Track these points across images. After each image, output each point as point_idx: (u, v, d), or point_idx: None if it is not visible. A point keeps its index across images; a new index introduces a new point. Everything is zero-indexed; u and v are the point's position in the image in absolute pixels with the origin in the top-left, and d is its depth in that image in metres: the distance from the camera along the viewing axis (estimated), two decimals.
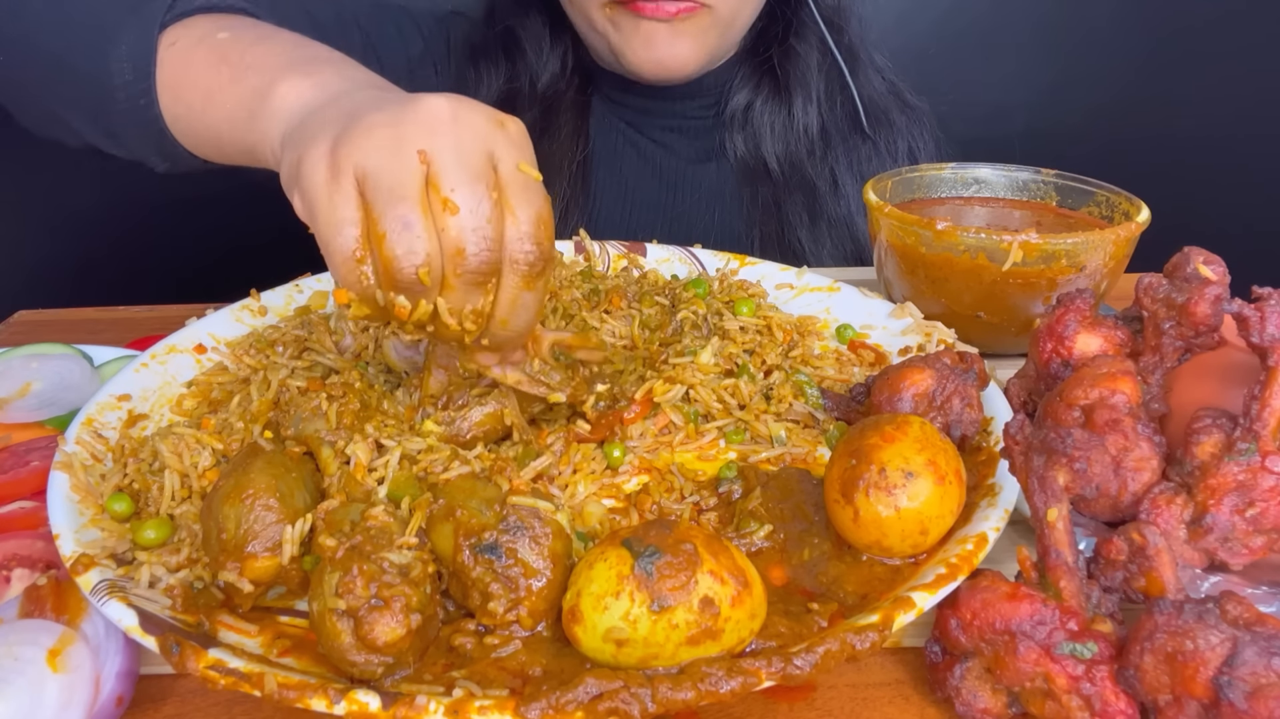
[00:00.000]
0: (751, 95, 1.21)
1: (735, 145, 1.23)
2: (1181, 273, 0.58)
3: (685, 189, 1.25)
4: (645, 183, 1.25)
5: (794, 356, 0.82)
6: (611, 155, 1.25)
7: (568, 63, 1.22)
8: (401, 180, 0.53)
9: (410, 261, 0.53)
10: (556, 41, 1.21)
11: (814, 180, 1.22)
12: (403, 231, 0.53)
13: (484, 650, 0.53)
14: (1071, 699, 0.49)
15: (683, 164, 1.25)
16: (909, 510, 0.57)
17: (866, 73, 1.27)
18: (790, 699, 0.55)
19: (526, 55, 1.21)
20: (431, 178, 0.54)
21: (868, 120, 1.25)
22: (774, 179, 1.22)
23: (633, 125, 1.25)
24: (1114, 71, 1.95)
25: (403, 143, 0.53)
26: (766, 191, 1.23)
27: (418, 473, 0.63)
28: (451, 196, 0.53)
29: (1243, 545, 0.54)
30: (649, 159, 1.25)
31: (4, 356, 0.88)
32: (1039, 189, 0.99)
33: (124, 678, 0.54)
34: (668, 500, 0.67)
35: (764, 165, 1.22)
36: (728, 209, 1.25)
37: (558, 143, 1.19)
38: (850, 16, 1.25)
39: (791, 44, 1.21)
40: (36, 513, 0.66)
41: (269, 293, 0.91)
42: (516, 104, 1.19)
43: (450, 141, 0.54)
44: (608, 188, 1.23)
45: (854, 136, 1.26)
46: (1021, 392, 0.68)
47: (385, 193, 0.53)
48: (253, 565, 0.56)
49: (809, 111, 1.22)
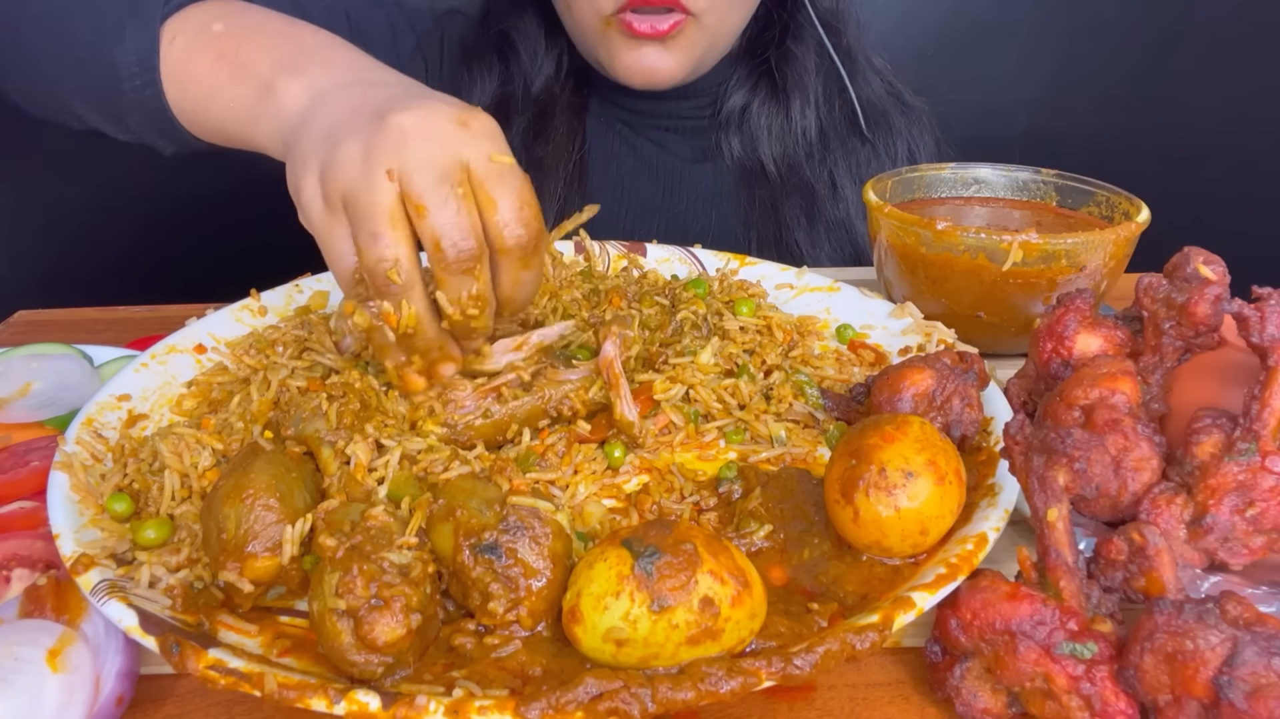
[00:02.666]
0: (748, 97, 1.21)
1: (732, 147, 1.22)
2: (1181, 273, 0.58)
3: (682, 190, 1.25)
4: (642, 184, 1.25)
5: (794, 357, 0.82)
6: (608, 156, 1.24)
7: (563, 65, 1.21)
8: (372, 200, 0.60)
9: (381, 267, 0.60)
10: (552, 44, 1.20)
11: (812, 183, 1.22)
12: (372, 244, 0.60)
13: (484, 650, 0.53)
14: (1071, 699, 0.49)
15: (679, 164, 1.25)
16: (909, 510, 0.57)
17: (865, 75, 1.26)
18: (790, 699, 0.55)
19: (521, 58, 1.21)
20: (404, 191, 0.60)
21: (866, 123, 1.24)
22: (771, 181, 1.22)
23: (629, 125, 1.25)
24: (1114, 72, 1.95)
25: (373, 166, 0.60)
26: (764, 193, 1.22)
27: (418, 473, 0.63)
28: (420, 201, 0.60)
29: (1243, 545, 0.54)
30: (645, 159, 1.25)
31: (4, 356, 0.88)
32: (1039, 189, 0.99)
33: (124, 678, 0.54)
34: (668, 500, 0.67)
35: (761, 167, 1.22)
36: (725, 210, 1.24)
37: (553, 144, 1.19)
38: (848, 19, 1.25)
39: (789, 46, 1.20)
40: (36, 513, 0.66)
41: (269, 293, 0.91)
42: (510, 107, 1.19)
43: (415, 155, 0.60)
44: (604, 188, 1.23)
45: (852, 139, 1.25)
46: (1021, 392, 0.68)
47: (360, 216, 0.60)
48: (253, 565, 0.56)
49: (807, 114, 1.22)
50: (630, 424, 0.71)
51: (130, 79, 0.82)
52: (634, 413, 0.71)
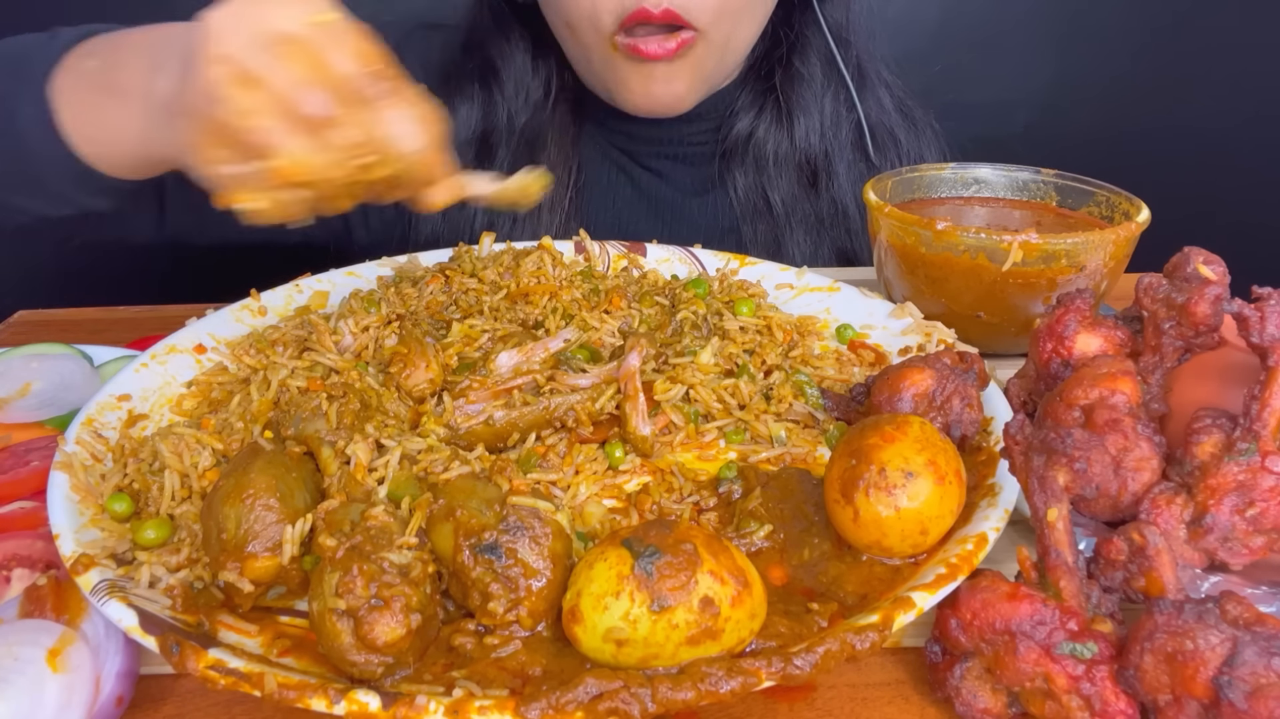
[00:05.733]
0: (753, 122, 1.17)
1: (736, 180, 1.18)
2: (1181, 273, 0.58)
3: (681, 225, 1.21)
4: (640, 219, 1.20)
5: (794, 357, 0.82)
6: (605, 189, 1.20)
7: (552, 87, 1.16)
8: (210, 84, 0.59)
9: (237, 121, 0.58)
10: (540, 66, 1.15)
11: (817, 213, 1.19)
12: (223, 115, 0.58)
13: (484, 650, 0.53)
14: (1071, 699, 0.49)
15: (680, 197, 1.21)
16: (909, 510, 0.57)
17: (875, 92, 1.22)
18: (790, 699, 0.55)
19: (505, 85, 1.15)
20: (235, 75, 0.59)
21: (874, 144, 1.20)
22: (776, 216, 1.18)
23: (627, 154, 1.20)
24: (1114, 72, 1.95)
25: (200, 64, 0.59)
26: (766, 228, 1.19)
27: (418, 473, 0.63)
28: (251, 75, 0.58)
29: (1243, 545, 0.54)
30: (645, 192, 1.21)
31: (4, 356, 0.88)
32: (1039, 189, 0.99)
33: (124, 678, 0.54)
34: (668, 500, 0.67)
35: (765, 201, 1.18)
36: (726, 245, 1.18)
37: None
38: (859, 30, 1.21)
39: (796, 67, 1.16)
40: (36, 513, 0.66)
41: (269, 293, 0.91)
42: (493, 139, 1.14)
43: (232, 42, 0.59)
44: (601, 224, 1.16)
45: (859, 163, 1.21)
46: (1021, 392, 0.68)
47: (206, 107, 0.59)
48: (253, 565, 0.56)
49: (811, 139, 1.18)
50: (644, 439, 0.71)
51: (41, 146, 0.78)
52: (648, 427, 0.71)
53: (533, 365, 0.72)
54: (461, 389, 0.70)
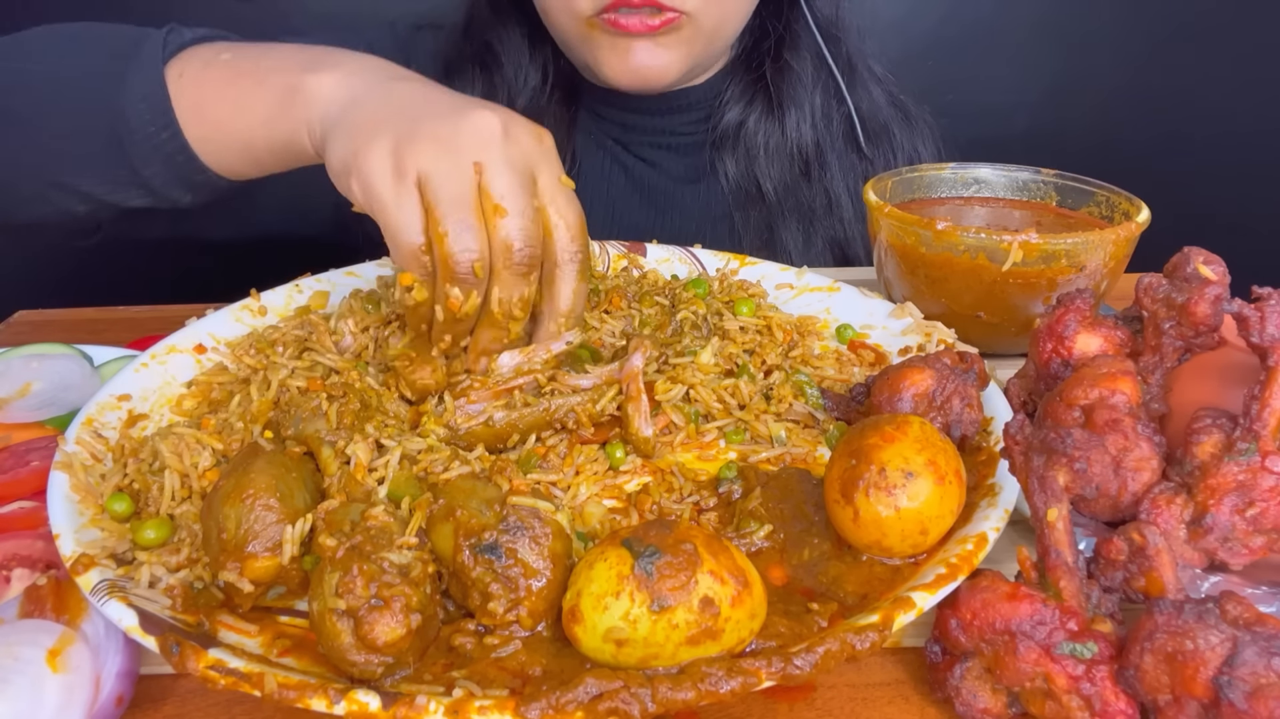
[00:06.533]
0: (744, 112, 1.17)
1: (727, 167, 1.19)
2: (1181, 273, 0.58)
3: (674, 212, 1.21)
4: (633, 206, 1.21)
5: (794, 357, 0.82)
6: (598, 177, 1.21)
7: (548, 74, 1.17)
8: (462, 188, 0.63)
9: (468, 257, 0.63)
10: (536, 53, 1.16)
11: (809, 203, 1.19)
12: (463, 232, 0.63)
13: (484, 650, 0.53)
14: (1071, 699, 0.49)
15: (672, 184, 1.22)
16: (909, 510, 0.57)
17: (866, 85, 1.23)
18: (790, 699, 0.55)
19: (505, 69, 1.16)
20: (483, 185, 0.64)
21: (865, 137, 1.21)
22: (768, 203, 1.19)
23: (620, 142, 1.21)
24: (1114, 71, 1.95)
25: (460, 154, 0.64)
26: (759, 215, 1.19)
27: (418, 473, 0.63)
28: (501, 202, 0.64)
29: (1243, 545, 0.54)
30: (637, 180, 1.21)
31: (4, 356, 0.88)
32: (1039, 189, 0.99)
33: (124, 678, 0.54)
34: (668, 500, 0.67)
35: (758, 188, 1.18)
36: (720, 232, 1.21)
37: None
38: (848, 27, 1.21)
39: (786, 59, 1.17)
40: (36, 513, 0.66)
41: (269, 293, 0.91)
42: None
43: (500, 154, 0.64)
44: (595, 212, 1.15)
45: (850, 154, 1.22)
46: (1021, 392, 0.68)
47: (447, 199, 0.63)
48: (253, 565, 0.56)
49: (803, 129, 1.18)
50: (646, 441, 0.71)
51: (143, 125, 0.81)
52: (650, 429, 0.71)
53: (534, 366, 0.72)
54: (462, 389, 0.70)
